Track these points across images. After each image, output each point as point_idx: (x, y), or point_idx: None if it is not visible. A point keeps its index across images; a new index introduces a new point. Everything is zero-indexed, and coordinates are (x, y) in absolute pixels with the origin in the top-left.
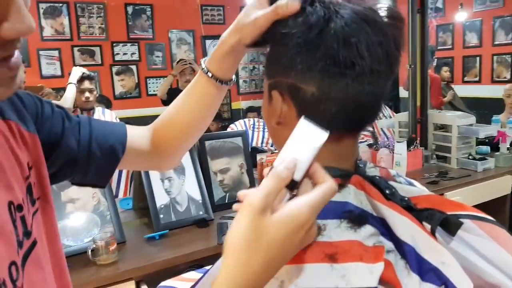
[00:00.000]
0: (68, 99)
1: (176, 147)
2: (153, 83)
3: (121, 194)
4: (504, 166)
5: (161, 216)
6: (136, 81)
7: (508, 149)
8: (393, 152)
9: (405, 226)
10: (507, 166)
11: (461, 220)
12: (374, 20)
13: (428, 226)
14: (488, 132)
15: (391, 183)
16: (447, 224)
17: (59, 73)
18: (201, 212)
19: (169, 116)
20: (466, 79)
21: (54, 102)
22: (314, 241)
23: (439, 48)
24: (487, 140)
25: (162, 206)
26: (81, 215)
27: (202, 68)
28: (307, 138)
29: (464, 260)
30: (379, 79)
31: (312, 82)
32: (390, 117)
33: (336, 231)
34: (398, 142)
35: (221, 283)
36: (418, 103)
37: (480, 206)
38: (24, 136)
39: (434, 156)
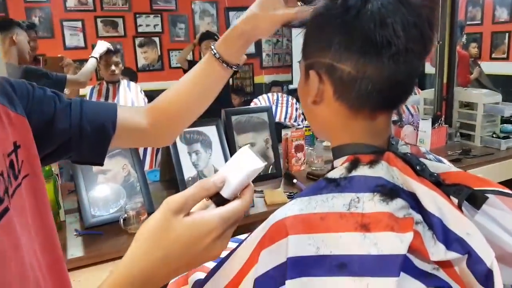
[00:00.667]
0: (85, 72)
1: (175, 125)
2: (175, 55)
3: (146, 166)
4: None
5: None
6: (159, 53)
7: None
8: (417, 129)
9: (433, 200)
10: None
11: (486, 195)
12: (409, 1)
13: (455, 200)
14: None
15: (422, 160)
16: (473, 199)
17: (82, 44)
18: None
19: (172, 94)
20: (494, 55)
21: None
22: (350, 213)
23: (468, 23)
24: (511, 119)
25: (190, 179)
26: (110, 186)
27: (212, 49)
28: (244, 164)
29: (487, 232)
30: (413, 59)
31: (349, 62)
32: (415, 94)
33: (369, 204)
34: (422, 119)
35: (121, 265)
36: (445, 81)
37: (504, 184)
38: (11, 117)
39: (458, 134)
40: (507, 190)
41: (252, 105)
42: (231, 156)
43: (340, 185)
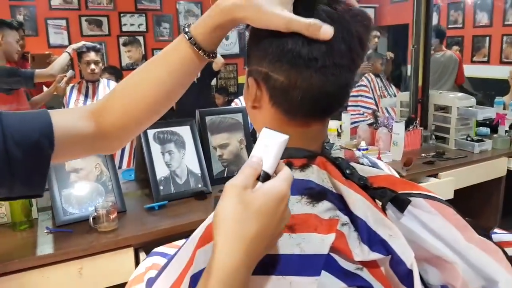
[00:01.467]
0: (55, 65)
1: (133, 126)
2: None
3: (124, 165)
4: (501, 148)
5: (161, 187)
6: (143, 52)
7: (506, 131)
8: (391, 132)
9: (359, 202)
10: (504, 148)
11: (413, 198)
12: (340, 18)
13: (380, 203)
14: (487, 114)
15: (353, 164)
16: (398, 202)
17: (66, 42)
18: (199, 185)
19: (128, 89)
20: (475, 58)
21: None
22: None
23: (449, 26)
24: (487, 122)
25: (162, 178)
26: (84, 185)
27: (186, 33)
28: (271, 141)
29: (413, 235)
30: (342, 71)
31: (282, 72)
32: (395, 96)
33: (297, 205)
34: (396, 122)
35: (219, 255)
36: (420, 83)
37: (475, 187)
38: None
39: (433, 136)
40: (432, 194)
41: (233, 105)
42: (204, 156)
43: None
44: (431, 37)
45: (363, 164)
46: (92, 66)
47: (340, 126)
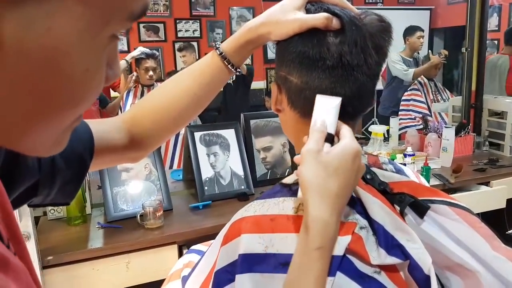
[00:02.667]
0: None
1: (161, 136)
2: None
3: (175, 166)
4: None
5: (206, 188)
6: (197, 57)
7: None
8: (441, 138)
9: (377, 207)
10: None
11: (438, 205)
12: (352, 22)
13: (398, 208)
14: None
15: (374, 169)
16: (417, 207)
17: (125, 48)
18: (243, 187)
19: (159, 99)
20: None
21: None
22: (297, 216)
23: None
24: None
25: (207, 179)
26: (134, 183)
27: (217, 48)
28: (326, 105)
29: (434, 241)
30: (353, 73)
31: (296, 74)
32: (445, 101)
33: None
34: (446, 127)
35: (313, 212)
36: (473, 88)
37: None
38: None
39: (487, 143)
40: (457, 201)
41: None
42: (248, 159)
43: (292, 190)
44: (486, 40)
45: (386, 170)
46: (150, 72)
47: (388, 131)
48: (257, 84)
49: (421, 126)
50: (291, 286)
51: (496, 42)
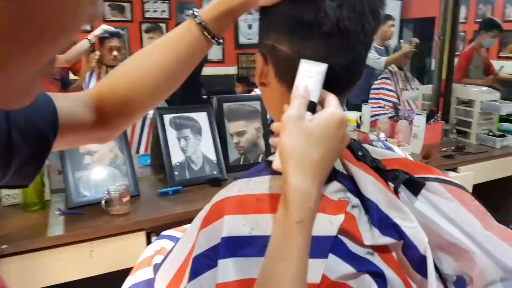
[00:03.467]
0: (71, 52)
1: (132, 114)
2: None
3: (142, 150)
4: None
5: (176, 173)
6: None
7: None
8: (412, 124)
9: (370, 184)
10: None
11: (429, 182)
12: None
13: (392, 186)
14: (511, 109)
15: (366, 145)
16: (411, 185)
17: (88, 27)
18: (215, 172)
19: (131, 73)
20: (501, 54)
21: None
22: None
23: (477, 20)
24: (511, 118)
25: (177, 164)
26: (98, 168)
27: (195, 16)
28: (310, 71)
29: (427, 220)
30: (350, 41)
31: (285, 42)
32: (417, 89)
33: None
34: (417, 114)
35: (292, 182)
36: (444, 76)
37: (495, 183)
38: None
39: (454, 130)
40: (449, 178)
41: (253, 94)
42: (221, 143)
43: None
44: (458, 30)
45: (377, 147)
46: (115, 52)
47: (360, 117)
48: (228, 70)
49: (391, 115)
50: (271, 263)
51: (463, 33)
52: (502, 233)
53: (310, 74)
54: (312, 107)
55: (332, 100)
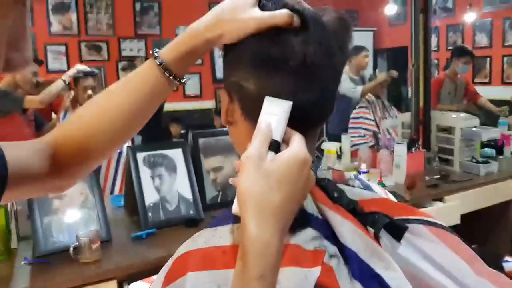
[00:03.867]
0: (47, 92)
1: (90, 161)
2: None
3: (116, 191)
4: (507, 170)
5: (150, 214)
6: None
7: None
8: (393, 154)
9: (348, 230)
10: (510, 170)
11: (412, 224)
12: (314, 19)
13: (372, 231)
14: (492, 135)
15: (341, 186)
16: (393, 229)
17: (65, 67)
18: (191, 212)
19: (91, 116)
20: (476, 80)
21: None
22: None
23: (449, 48)
24: (492, 143)
25: (151, 204)
26: (68, 212)
27: (156, 57)
28: (274, 108)
29: (412, 267)
30: (317, 75)
31: (251, 79)
32: (396, 117)
33: None
34: (398, 143)
35: (251, 231)
36: (421, 104)
37: (482, 212)
38: None
39: (437, 158)
40: (433, 219)
41: None
42: (197, 181)
43: None
44: (431, 58)
45: (353, 187)
46: (89, 91)
47: (340, 148)
48: (206, 104)
49: (371, 143)
50: None
51: (436, 61)
52: (495, 279)
53: (274, 111)
54: (275, 147)
55: (296, 139)
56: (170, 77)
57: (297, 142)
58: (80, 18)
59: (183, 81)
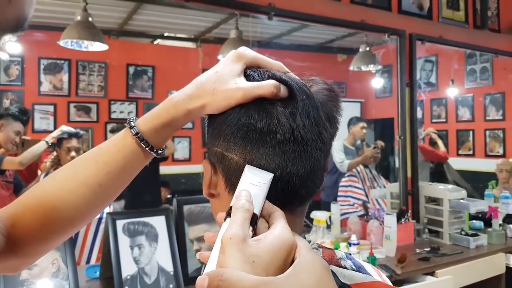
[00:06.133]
0: (27, 154)
1: (51, 240)
2: None
3: (93, 260)
4: (496, 243)
5: None
6: None
7: (500, 225)
8: (383, 225)
9: None
10: (500, 243)
11: None
12: (302, 90)
13: None
14: (480, 207)
15: (332, 267)
16: None
17: (51, 127)
18: (171, 286)
19: (52, 193)
20: (460, 152)
21: None
22: None
23: (433, 121)
24: (480, 215)
25: (129, 277)
26: (38, 284)
27: (132, 127)
28: (255, 179)
29: None
30: (307, 148)
31: (236, 150)
32: (384, 187)
33: None
34: (387, 214)
35: None
36: (409, 175)
37: (475, 286)
38: None
39: (427, 230)
40: None
41: None
42: (179, 251)
43: None
44: (417, 129)
45: (345, 268)
46: (73, 153)
47: (330, 217)
48: (195, 168)
49: (361, 213)
50: None
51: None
52: None
53: (255, 182)
54: (254, 221)
55: (279, 218)
56: (146, 148)
57: (281, 222)
58: (72, 79)
59: (161, 152)
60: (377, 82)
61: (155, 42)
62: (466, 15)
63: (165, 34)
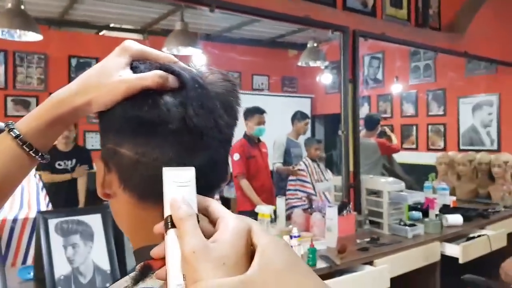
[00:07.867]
0: None
1: None
2: (91, 137)
3: (30, 261)
4: (433, 232)
5: None
6: (74, 134)
7: (437, 215)
8: (325, 217)
9: None
10: (436, 232)
11: None
12: (194, 79)
13: None
14: (416, 199)
15: None
16: None
17: None
18: (108, 284)
19: None
20: (404, 145)
21: None
22: None
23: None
24: (419, 206)
25: (62, 277)
26: None
27: (11, 130)
28: (179, 179)
29: None
30: (203, 138)
31: (127, 145)
32: (328, 180)
33: None
34: (329, 206)
35: None
36: (351, 168)
37: (411, 274)
38: None
39: (368, 221)
40: None
41: None
42: (117, 249)
43: None
44: (359, 125)
45: None
46: None
47: (274, 211)
48: None
49: (307, 206)
50: None
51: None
52: None
53: (181, 182)
54: (197, 221)
55: (219, 208)
56: (30, 152)
57: (227, 213)
58: (9, 71)
59: (47, 156)
60: (326, 78)
61: (101, 33)
62: (408, 13)
63: (111, 25)
